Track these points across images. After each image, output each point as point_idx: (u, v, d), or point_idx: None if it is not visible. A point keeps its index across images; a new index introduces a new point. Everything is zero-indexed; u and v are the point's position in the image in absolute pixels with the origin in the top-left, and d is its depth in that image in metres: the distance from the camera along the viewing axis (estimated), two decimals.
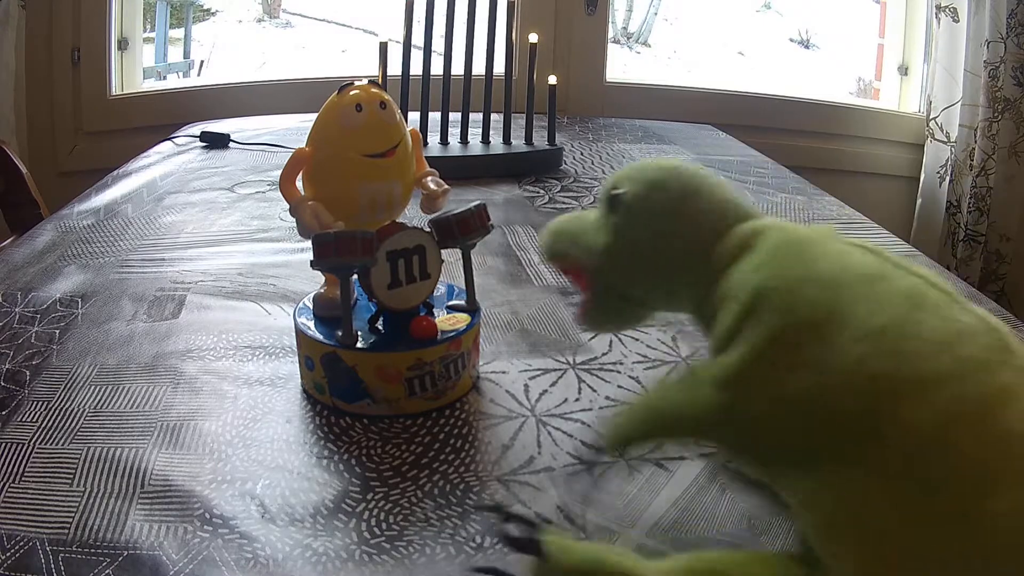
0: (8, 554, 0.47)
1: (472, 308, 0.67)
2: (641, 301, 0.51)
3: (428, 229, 0.64)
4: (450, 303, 0.68)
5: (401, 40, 1.20)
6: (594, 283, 0.51)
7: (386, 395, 0.62)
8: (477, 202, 0.66)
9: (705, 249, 0.47)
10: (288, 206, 0.64)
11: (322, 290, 0.67)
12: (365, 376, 0.61)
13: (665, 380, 0.49)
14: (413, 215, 0.77)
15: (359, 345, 0.62)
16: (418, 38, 1.20)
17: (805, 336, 0.40)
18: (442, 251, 0.65)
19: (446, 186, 0.68)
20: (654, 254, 0.48)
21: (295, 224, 0.64)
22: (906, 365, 0.37)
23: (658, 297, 0.50)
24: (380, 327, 0.64)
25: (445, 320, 0.65)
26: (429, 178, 0.68)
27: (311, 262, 0.59)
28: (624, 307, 0.52)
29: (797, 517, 0.42)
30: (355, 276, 0.62)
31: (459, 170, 1.21)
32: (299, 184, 0.64)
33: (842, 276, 0.41)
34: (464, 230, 0.64)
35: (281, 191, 0.63)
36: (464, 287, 0.68)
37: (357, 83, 0.64)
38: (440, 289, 0.69)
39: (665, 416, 0.46)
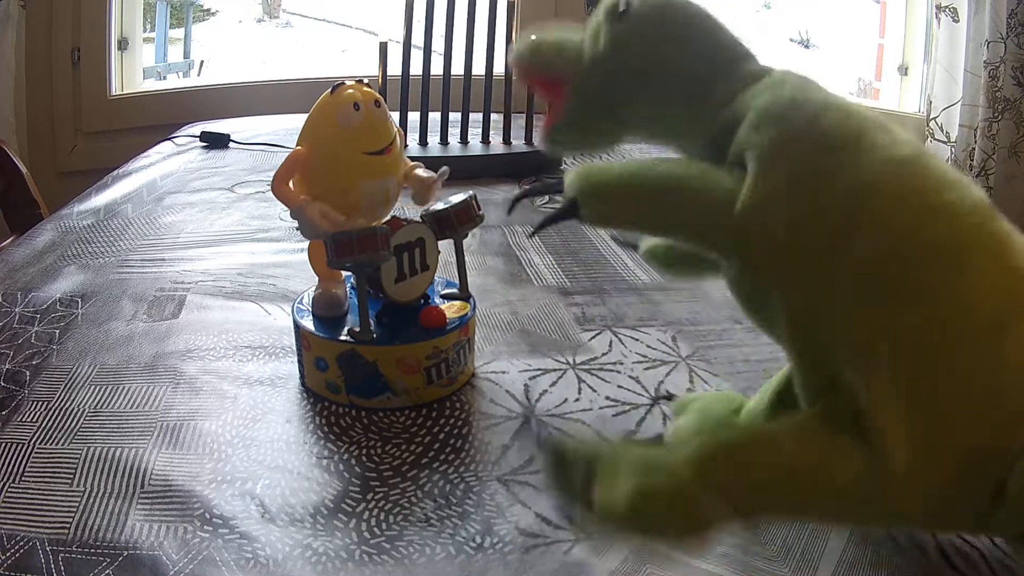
0: (8, 554, 0.47)
1: (465, 295, 0.69)
2: (624, 121, 0.49)
3: (424, 222, 0.66)
4: (443, 293, 0.70)
5: (401, 40, 1.20)
6: (575, 96, 0.49)
7: (406, 386, 0.63)
8: (469, 192, 0.68)
9: (716, 77, 0.47)
10: (285, 207, 0.64)
11: (319, 290, 0.67)
12: (385, 370, 0.62)
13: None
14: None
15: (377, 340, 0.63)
16: (418, 38, 1.20)
17: (834, 145, 0.42)
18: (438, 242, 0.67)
19: (434, 174, 0.68)
20: (658, 70, 0.47)
21: (297, 225, 0.65)
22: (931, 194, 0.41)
23: (645, 119, 0.49)
24: (385, 322, 0.65)
25: (447, 308, 0.67)
26: (418, 169, 0.68)
27: (328, 261, 0.60)
28: (601, 127, 0.50)
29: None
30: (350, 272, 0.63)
31: (459, 170, 1.20)
32: (291, 186, 0.64)
33: (858, 109, 0.44)
34: (461, 220, 0.67)
35: (276, 193, 0.63)
36: (455, 276, 0.70)
37: (348, 83, 0.64)
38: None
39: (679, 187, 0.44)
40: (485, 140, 1.29)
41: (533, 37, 0.52)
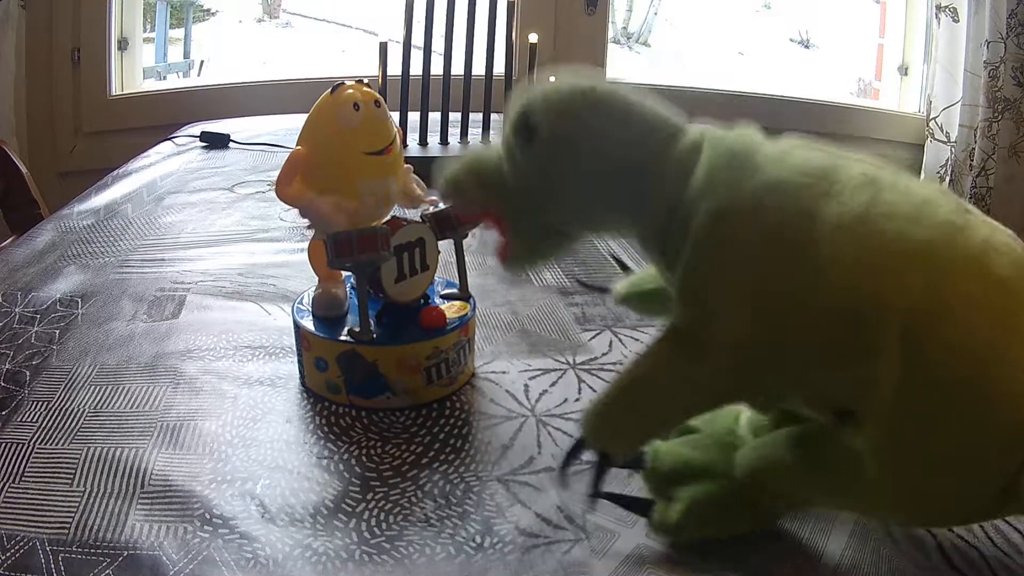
0: (8, 554, 0.47)
1: (465, 295, 0.69)
2: (569, 233, 0.50)
3: (424, 222, 0.66)
4: (443, 293, 0.70)
5: (401, 40, 1.19)
6: (511, 226, 0.49)
7: (406, 387, 0.63)
8: None
9: (643, 172, 0.46)
10: (291, 206, 0.64)
11: (319, 290, 0.67)
12: (386, 370, 0.62)
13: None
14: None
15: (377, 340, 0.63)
16: (418, 38, 1.20)
17: (783, 244, 0.42)
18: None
19: (424, 187, 0.70)
20: (577, 187, 0.47)
21: (308, 224, 0.65)
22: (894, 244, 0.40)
23: (588, 227, 0.51)
24: (385, 322, 0.65)
25: (447, 308, 0.67)
26: (414, 183, 0.69)
27: (328, 261, 0.60)
28: (546, 246, 0.51)
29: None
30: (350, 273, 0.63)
31: None
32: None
33: (798, 178, 0.43)
34: (461, 220, 0.67)
35: (281, 194, 0.63)
36: (455, 276, 0.70)
37: (348, 83, 0.64)
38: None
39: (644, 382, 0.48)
40: (485, 140, 1.29)
41: (453, 169, 0.51)
